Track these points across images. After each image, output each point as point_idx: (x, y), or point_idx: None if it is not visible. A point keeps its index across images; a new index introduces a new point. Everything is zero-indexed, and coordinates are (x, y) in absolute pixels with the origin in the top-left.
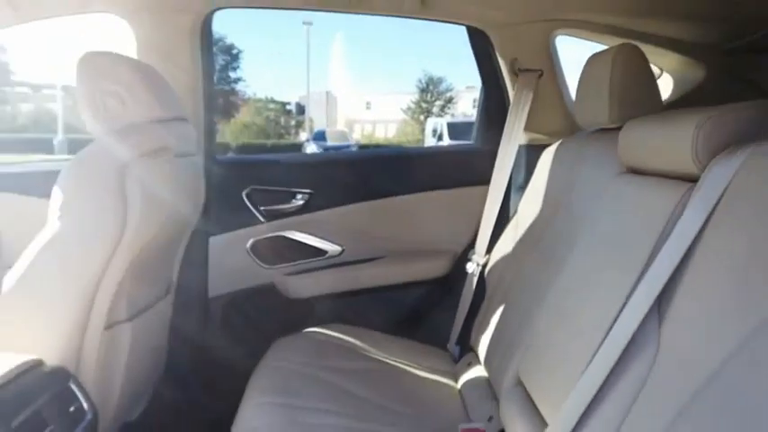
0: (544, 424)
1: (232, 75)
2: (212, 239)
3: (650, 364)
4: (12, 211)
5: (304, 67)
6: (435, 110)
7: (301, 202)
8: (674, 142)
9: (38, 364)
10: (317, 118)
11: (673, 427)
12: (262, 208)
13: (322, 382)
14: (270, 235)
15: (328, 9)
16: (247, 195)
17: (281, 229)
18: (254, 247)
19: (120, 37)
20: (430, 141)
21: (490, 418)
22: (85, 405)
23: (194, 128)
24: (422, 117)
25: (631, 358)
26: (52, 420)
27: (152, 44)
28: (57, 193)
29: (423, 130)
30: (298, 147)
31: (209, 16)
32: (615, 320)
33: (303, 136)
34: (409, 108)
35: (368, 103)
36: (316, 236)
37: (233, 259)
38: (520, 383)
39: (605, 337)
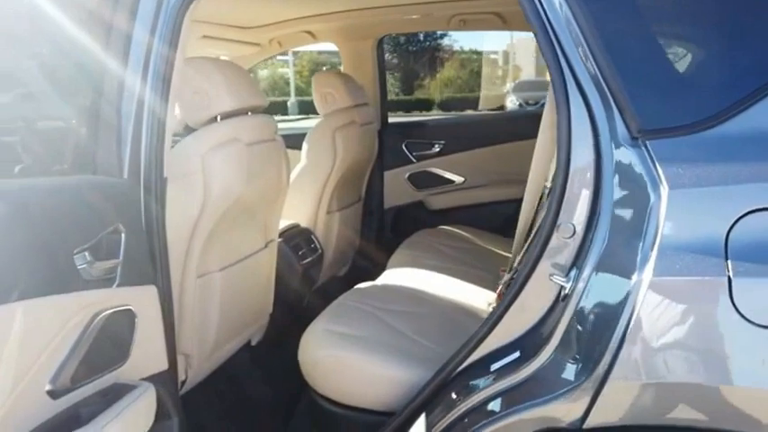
0: None
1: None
2: (386, 173)
3: None
4: None
5: None
6: None
7: (438, 149)
8: None
9: None
10: (525, 66)
11: None
12: (414, 153)
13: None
14: (419, 170)
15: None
16: (405, 146)
17: (426, 166)
18: (410, 177)
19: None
20: None
21: None
22: None
23: (373, 107)
24: None
25: None
26: None
27: (351, 56)
28: None
29: None
30: (500, 99)
31: (381, 39)
32: None
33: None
34: None
35: None
36: (447, 170)
37: (398, 185)
38: None
39: None
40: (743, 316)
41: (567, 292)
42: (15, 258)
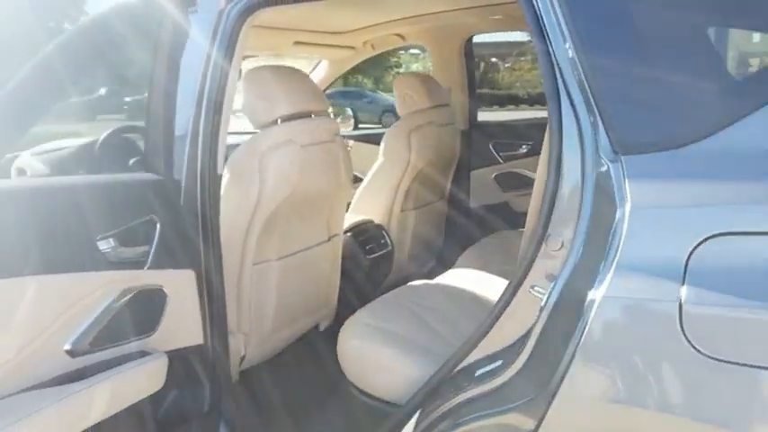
0: None
1: None
2: (473, 173)
3: None
4: None
5: None
6: None
7: (525, 150)
8: None
9: None
10: None
11: None
12: (501, 153)
13: None
14: (506, 171)
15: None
16: (492, 146)
17: (513, 167)
18: (496, 177)
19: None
20: None
21: None
22: None
23: (460, 107)
24: None
25: None
26: None
27: (439, 57)
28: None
29: None
30: None
31: (468, 39)
32: None
33: None
34: None
35: None
36: (535, 172)
37: (484, 186)
38: None
39: None
40: (691, 344)
41: (542, 304)
42: (33, 241)
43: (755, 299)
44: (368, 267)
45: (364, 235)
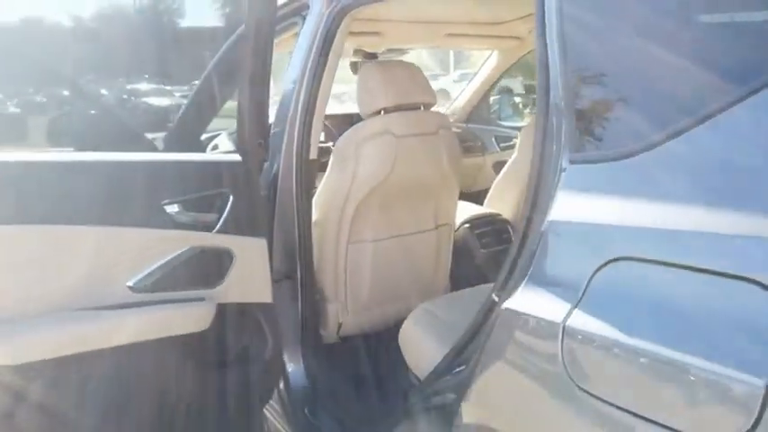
0: None
1: None
2: None
3: None
4: None
5: None
6: None
7: None
8: None
9: None
10: None
11: None
12: None
13: None
14: None
15: None
16: None
17: None
18: None
19: None
20: None
21: None
22: None
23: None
24: None
25: None
26: None
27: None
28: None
29: None
30: None
31: None
32: None
33: None
34: None
35: None
36: None
37: None
38: None
39: None
40: (567, 371)
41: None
42: (124, 201)
43: (632, 335)
44: (481, 260)
45: (483, 228)
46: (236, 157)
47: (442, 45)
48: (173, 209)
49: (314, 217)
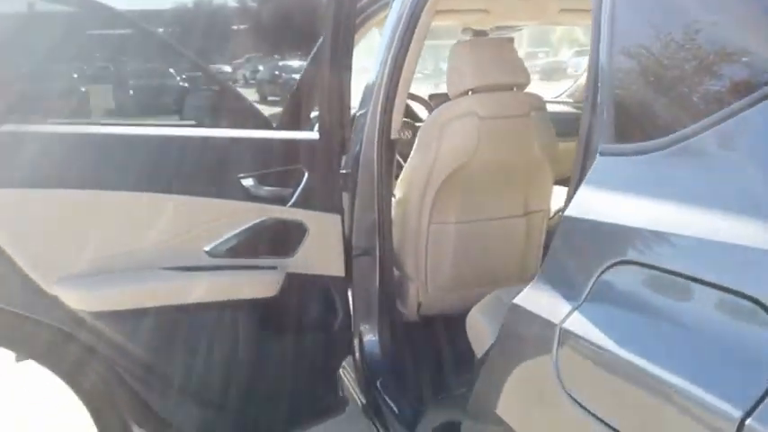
0: None
1: None
2: None
3: None
4: None
5: None
6: None
7: None
8: None
9: None
10: None
11: None
12: None
13: None
14: None
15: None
16: None
17: None
18: None
19: None
20: None
21: None
22: None
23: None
24: None
25: None
26: None
27: None
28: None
29: None
30: None
31: None
32: None
33: None
34: None
35: None
36: None
37: None
38: None
39: None
40: (558, 375)
41: None
42: (188, 174)
43: (624, 346)
44: None
45: None
46: (314, 136)
47: (555, 22)
48: (248, 182)
49: (397, 195)
